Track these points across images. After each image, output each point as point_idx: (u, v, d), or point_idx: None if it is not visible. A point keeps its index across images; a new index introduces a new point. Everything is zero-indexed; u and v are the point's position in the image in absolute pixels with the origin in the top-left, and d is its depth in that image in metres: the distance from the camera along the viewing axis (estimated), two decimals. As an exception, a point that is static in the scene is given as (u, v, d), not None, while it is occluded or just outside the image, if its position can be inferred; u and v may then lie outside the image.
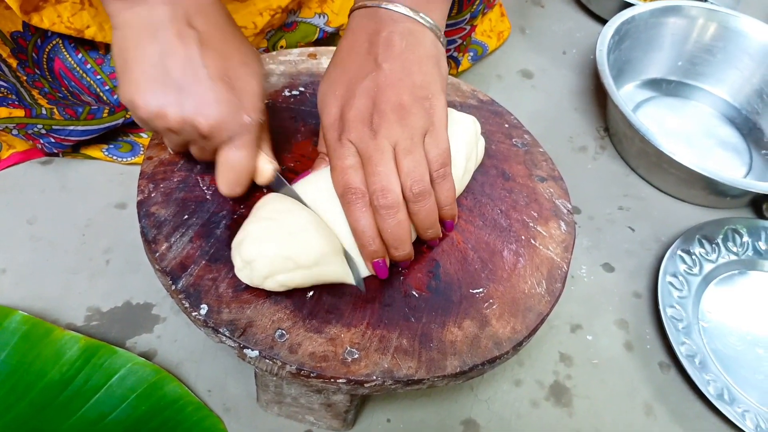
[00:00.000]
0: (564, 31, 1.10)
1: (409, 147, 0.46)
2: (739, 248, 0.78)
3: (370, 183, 0.46)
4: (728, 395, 0.65)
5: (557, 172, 0.60)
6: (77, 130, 0.70)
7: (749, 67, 0.97)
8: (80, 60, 0.71)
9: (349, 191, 0.46)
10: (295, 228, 0.45)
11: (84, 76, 0.71)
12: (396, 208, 0.46)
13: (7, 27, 0.67)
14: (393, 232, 0.46)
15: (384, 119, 0.46)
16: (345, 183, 0.46)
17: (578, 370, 0.67)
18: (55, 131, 0.68)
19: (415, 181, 0.46)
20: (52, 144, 0.70)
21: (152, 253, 0.46)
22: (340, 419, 0.57)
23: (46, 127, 0.67)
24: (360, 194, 0.46)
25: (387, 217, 0.46)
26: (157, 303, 0.65)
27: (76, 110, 0.68)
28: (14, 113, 0.65)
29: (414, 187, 0.46)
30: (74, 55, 0.70)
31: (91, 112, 0.70)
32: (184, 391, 0.57)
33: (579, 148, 0.91)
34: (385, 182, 0.45)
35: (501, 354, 0.46)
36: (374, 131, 0.46)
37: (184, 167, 0.52)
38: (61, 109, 0.68)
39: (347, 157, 0.46)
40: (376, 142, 0.46)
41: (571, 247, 0.54)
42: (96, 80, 0.72)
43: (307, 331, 0.44)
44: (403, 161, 0.46)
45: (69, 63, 0.70)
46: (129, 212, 0.72)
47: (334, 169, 0.47)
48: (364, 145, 0.46)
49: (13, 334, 0.57)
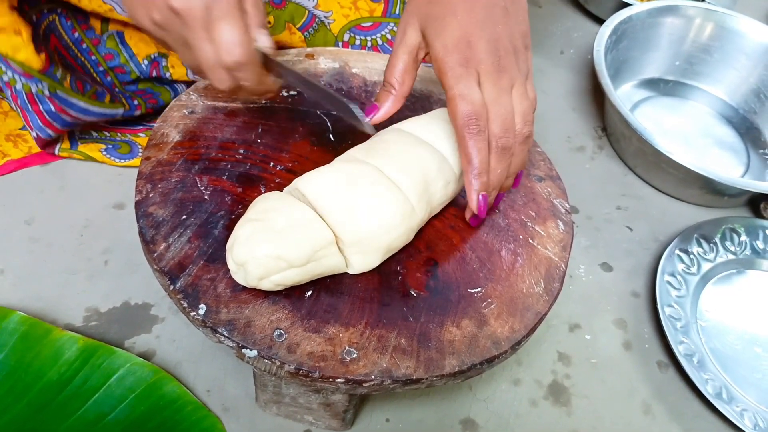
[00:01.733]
0: (561, 31, 1.10)
1: (523, 91, 0.48)
2: (737, 247, 0.78)
3: (493, 120, 0.47)
4: (726, 394, 0.65)
5: (555, 171, 0.60)
6: (78, 105, 0.68)
7: (746, 67, 0.97)
8: (77, 39, 0.70)
9: (474, 122, 0.47)
10: (284, 226, 0.45)
11: (79, 56, 0.71)
12: (512, 149, 0.48)
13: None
14: (503, 172, 0.49)
15: (510, 59, 0.48)
16: (471, 113, 0.46)
17: (577, 369, 0.67)
18: (57, 96, 0.66)
19: (527, 122, 0.48)
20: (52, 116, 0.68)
21: (150, 253, 0.46)
22: (338, 419, 0.57)
23: (51, 88, 0.66)
24: (484, 128, 0.47)
25: (503, 158, 0.48)
26: (156, 303, 0.65)
27: (84, 85, 0.67)
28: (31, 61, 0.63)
29: (525, 129, 0.48)
30: (71, 34, 0.69)
31: (96, 93, 0.69)
32: (182, 391, 0.57)
33: (577, 147, 0.91)
34: (510, 124, 0.47)
35: (499, 353, 0.46)
36: (502, 68, 0.47)
37: (182, 167, 0.52)
38: (72, 80, 0.67)
39: (474, 87, 0.47)
40: (502, 81, 0.47)
41: (569, 246, 0.54)
42: (91, 60, 0.71)
43: (305, 331, 0.44)
44: (520, 103, 0.48)
45: (65, 41, 0.69)
46: (127, 213, 0.72)
47: (459, 97, 0.47)
48: (492, 79, 0.47)
49: (12, 335, 0.57)
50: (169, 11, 0.46)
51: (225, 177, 0.52)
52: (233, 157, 0.54)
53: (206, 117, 0.57)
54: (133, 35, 0.72)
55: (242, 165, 0.54)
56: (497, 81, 0.47)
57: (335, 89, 0.62)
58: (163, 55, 0.73)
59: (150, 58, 0.73)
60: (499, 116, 0.47)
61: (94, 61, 0.71)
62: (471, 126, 0.47)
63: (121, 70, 0.72)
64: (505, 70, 0.47)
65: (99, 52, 0.71)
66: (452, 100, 0.47)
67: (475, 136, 0.47)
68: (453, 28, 0.48)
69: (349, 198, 0.47)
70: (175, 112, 0.56)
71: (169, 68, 0.73)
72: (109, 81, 0.72)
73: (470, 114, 0.47)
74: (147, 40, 0.72)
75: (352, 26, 0.77)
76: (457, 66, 0.47)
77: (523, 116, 0.48)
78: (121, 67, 0.72)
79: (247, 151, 0.55)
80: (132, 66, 0.72)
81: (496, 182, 0.49)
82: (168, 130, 0.55)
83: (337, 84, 0.63)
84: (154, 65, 0.73)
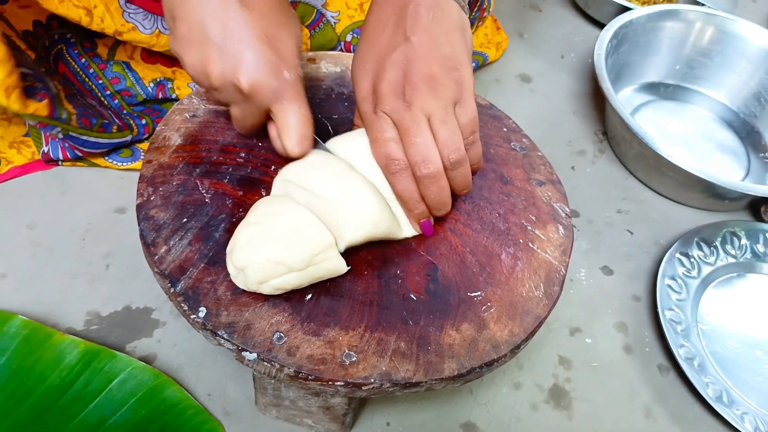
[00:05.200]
0: (562, 36, 1.10)
1: (443, 117, 0.48)
2: (737, 251, 0.78)
3: (411, 154, 0.48)
4: (727, 398, 0.65)
5: (556, 175, 0.60)
6: (89, 141, 0.70)
7: (747, 71, 0.97)
8: (83, 65, 0.71)
9: (392, 163, 0.48)
10: (283, 230, 0.45)
11: (86, 80, 0.72)
12: (438, 176, 0.48)
13: (19, 25, 0.67)
14: (436, 197, 0.49)
15: (416, 91, 0.47)
16: (387, 155, 0.48)
17: (577, 373, 0.67)
18: (71, 138, 0.69)
19: (452, 150, 0.48)
20: (66, 149, 0.71)
21: (151, 256, 0.46)
22: (338, 422, 0.57)
23: (64, 131, 0.68)
24: (403, 165, 0.48)
25: (430, 185, 0.48)
26: (157, 307, 0.65)
27: (90, 120, 0.69)
28: (39, 111, 0.64)
29: (452, 156, 0.48)
30: (78, 60, 0.71)
31: (103, 125, 0.70)
32: (183, 395, 0.57)
33: (577, 151, 0.91)
34: (425, 153, 0.47)
35: (499, 357, 0.46)
36: (408, 103, 0.47)
37: (183, 171, 0.52)
38: (78, 116, 0.68)
39: (385, 130, 0.48)
40: (411, 114, 0.47)
41: (569, 250, 0.54)
42: (98, 85, 0.72)
43: (305, 334, 0.44)
44: (440, 131, 0.48)
45: (73, 67, 0.71)
46: (129, 217, 0.72)
47: (374, 142, 0.49)
48: (399, 116, 0.48)
49: (13, 339, 0.57)
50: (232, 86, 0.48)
51: (226, 180, 0.52)
52: (234, 161, 0.54)
53: (208, 121, 0.57)
54: (139, 63, 0.74)
55: (243, 168, 0.54)
56: (406, 115, 0.47)
57: (336, 93, 0.63)
58: (168, 78, 0.75)
59: (156, 81, 0.74)
60: (413, 147, 0.47)
61: (101, 85, 0.73)
62: (390, 166, 0.49)
63: (127, 93, 0.74)
64: (412, 104, 0.47)
65: (106, 76, 0.73)
66: (371, 146, 0.50)
67: (396, 174, 0.49)
68: (363, 80, 0.50)
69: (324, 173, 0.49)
70: (177, 115, 0.57)
71: (175, 90, 0.75)
72: (117, 104, 0.74)
73: (386, 155, 0.48)
74: (152, 68, 0.74)
75: (355, 27, 0.78)
76: (369, 113, 0.49)
77: (445, 143, 0.47)
78: (128, 90, 0.74)
79: (248, 155, 0.55)
80: (138, 89, 0.74)
81: (434, 203, 0.50)
82: (170, 134, 0.55)
83: (338, 88, 0.63)
84: (159, 88, 0.74)
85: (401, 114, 0.47)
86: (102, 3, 0.64)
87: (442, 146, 0.48)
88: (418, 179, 0.48)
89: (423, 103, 0.47)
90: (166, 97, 0.75)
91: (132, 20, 0.66)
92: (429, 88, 0.47)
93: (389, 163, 0.48)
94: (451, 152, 0.48)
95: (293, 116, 0.49)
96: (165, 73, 0.75)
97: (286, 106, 0.49)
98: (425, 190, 0.49)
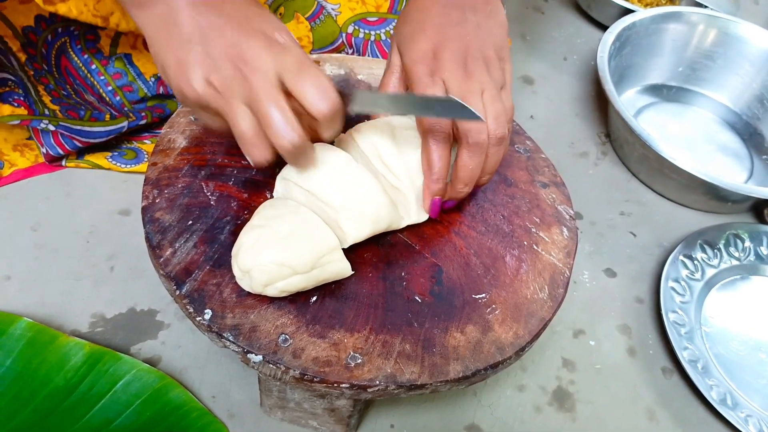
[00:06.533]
0: (565, 38, 1.10)
1: (495, 95, 0.49)
2: (740, 253, 0.78)
3: (464, 121, 0.47)
4: (731, 400, 0.65)
5: (559, 177, 0.60)
6: (84, 130, 0.70)
7: (749, 73, 0.97)
8: (86, 60, 0.72)
9: (439, 130, 0.48)
10: (287, 233, 0.45)
11: (88, 76, 0.72)
12: (483, 147, 0.48)
13: (19, 21, 0.67)
14: (473, 169, 0.49)
15: (477, 65, 0.49)
16: (436, 120, 0.48)
17: (581, 375, 0.67)
18: (62, 126, 0.69)
19: (500, 125, 0.48)
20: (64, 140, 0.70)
21: (157, 258, 0.46)
22: (343, 424, 0.57)
23: (54, 123, 0.68)
24: (447, 135, 0.49)
25: (473, 156, 0.48)
26: (162, 309, 0.65)
27: (78, 112, 0.69)
28: (17, 111, 0.65)
29: (498, 131, 0.48)
30: (81, 56, 0.71)
31: (93, 115, 0.70)
32: (188, 397, 0.58)
33: (580, 153, 0.91)
34: (479, 123, 0.47)
35: (504, 359, 0.46)
36: (469, 74, 0.48)
37: (188, 173, 0.52)
38: (63, 110, 0.68)
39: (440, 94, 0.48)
40: (470, 85, 0.48)
41: (574, 252, 0.54)
42: (100, 81, 0.73)
43: (310, 336, 0.44)
44: (491, 106, 0.48)
45: (75, 62, 0.71)
46: (133, 219, 0.72)
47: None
48: (457, 84, 0.48)
49: (18, 341, 0.57)
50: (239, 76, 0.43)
51: (231, 182, 0.53)
52: (239, 163, 0.54)
53: (212, 124, 0.57)
54: (141, 57, 0.74)
55: (248, 171, 0.54)
56: (464, 84, 0.48)
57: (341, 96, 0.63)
58: None
59: (156, 77, 0.74)
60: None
61: (103, 80, 0.73)
62: (435, 133, 0.48)
63: (129, 89, 0.74)
64: (472, 76, 0.49)
65: (108, 72, 0.73)
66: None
67: (438, 143, 0.49)
68: (421, 42, 0.50)
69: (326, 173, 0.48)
70: (182, 118, 0.57)
71: None
72: (118, 100, 0.74)
73: (434, 121, 0.48)
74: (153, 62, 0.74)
75: (357, 19, 0.78)
76: (424, 76, 0.49)
77: (496, 118, 0.48)
78: (129, 86, 0.74)
79: (253, 158, 0.55)
80: (140, 84, 0.74)
81: (466, 176, 0.50)
82: (174, 136, 0.55)
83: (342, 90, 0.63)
84: (160, 83, 0.75)
85: (460, 83, 0.48)
86: (118, 9, 0.65)
87: (492, 120, 0.48)
88: (464, 146, 0.48)
89: (481, 78, 0.49)
90: (167, 92, 0.75)
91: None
92: (486, 67, 0.49)
93: (435, 130, 0.48)
94: (498, 128, 0.48)
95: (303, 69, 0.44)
96: None
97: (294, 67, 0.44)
98: (468, 159, 0.49)
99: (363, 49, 0.82)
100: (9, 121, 0.65)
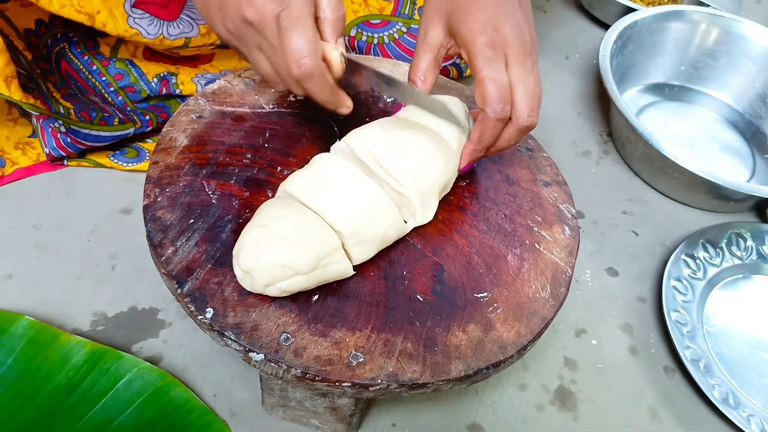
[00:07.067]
0: (567, 36, 1.10)
1: (539, 78, 0.51)
2: (743, 252, 0.78)
3: (524, 100, 0.49)
4: (733, 399, 0.65)
5: (561, 176, 0.60)
6: (91, 134, 0.70)
7: (752, 72, 0.97)
8: (86, 62, 0.71)
9: (501, 108, 0.49)
10: (289, 233, 0.45)
11: (90, 78, 0.72)
12: (531, 128, 0.51)
13: (20, 23, 0.68)
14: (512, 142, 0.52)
15: (534, 47, 0.51)
16: (500, 98, 0.49)
17: (583, 374, 0.67)
18: (72, 131, 0.69)
19: (536, 113, 0.51)
20: (68, 144, 0.70)
21: (158, 257, 0.46)
22: (345, 423, 0.57)
23: (65, 125, 0.68)
24: (506, 113, 0.50)
25: (520, 133, 0.51)
26: (163, 308, 0.65)
27: (90, 114, 0.69)
28: (38, 103, 0.65)
29: (534, 120, 0.51)
30: (81, 58, 0.71)
31: (103, 118, 0.70)
32: (190, 396, 0.58)
33: (582, 152, 0.91)
34: (535, 104, 0.50)
35: (505, 358, 0.46)
36: (528, 51, 0.50)
37: (189, 172, 0.52)
38: (76, 110, 0.68)
39: (502, 70, 0.49)
40: (528, 64, 0.50)
41: (576, 251, 0.54)
42: (101, 81, 0.72)
43: (312, 335, 0.44)
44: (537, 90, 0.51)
45: (75, 65, 0.71)
46: (134, 218, 0.72)
47: (489, 79, 0.49)
48: (519, 61, 0.49)
49: (20, 340, 0.57)
50: (242, 21, 0.48)
51: (232, 181, 0.52)
52: (241, 162, 0.54)
53: (214, 122, 0.57)
54: (142, 60, 0.74)
55: (249, 169, 0.54)
56: (524, 63, 0.49)
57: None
58: (172, 73, 0.74)
59: (159, 77, 0.74)
60: (526, 96, 0.49)
61: (105, 81, 0.73)
62: (498, 110, 0.49)
63: (131, 89, 0.74)
64: (530, 54, 0.50)
65: (109, 73, 0.73)
66: (482, 82, 0.49)
67: (497, 120, 0.50)
68: (478, 14, 0.50)
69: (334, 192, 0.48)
70: (183, 116, 0.57)
71: (179, 85, 0.75)
72: (120, 101, 0.74)
73: (498, 98, 0.49)
74: (155, 63, 0.74)
75: (360, 22, 0.78)
76: (486, 48, 0.49)
77: (535, 108, 0.50)
78: (131, 86, 0.74)
79: (255, 156, 0.55)
80: (142, 84, 0.73)
81: (506, 145, 0.53)
82: (176, 135, 0.55)
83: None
84: (163, 83, 0.74)
85: (521, 60, 0.49)
86: (105, 9, 0.64)
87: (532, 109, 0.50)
88: (513, 126, 0.50)
89: (534, 57, 0.51)
90: (170, 92, 0.75)
91: (136, 26, 0.66)
92: (534, 49, 0.51)
93: (497, 106, 0.49)
94: (535, 117, 0.51)
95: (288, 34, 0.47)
96: (168, 68, 0.75)
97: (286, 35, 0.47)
98: (512, 135, 0.51)
99: (366, 52, 0.82)
100: (33, 110, 0.64)
